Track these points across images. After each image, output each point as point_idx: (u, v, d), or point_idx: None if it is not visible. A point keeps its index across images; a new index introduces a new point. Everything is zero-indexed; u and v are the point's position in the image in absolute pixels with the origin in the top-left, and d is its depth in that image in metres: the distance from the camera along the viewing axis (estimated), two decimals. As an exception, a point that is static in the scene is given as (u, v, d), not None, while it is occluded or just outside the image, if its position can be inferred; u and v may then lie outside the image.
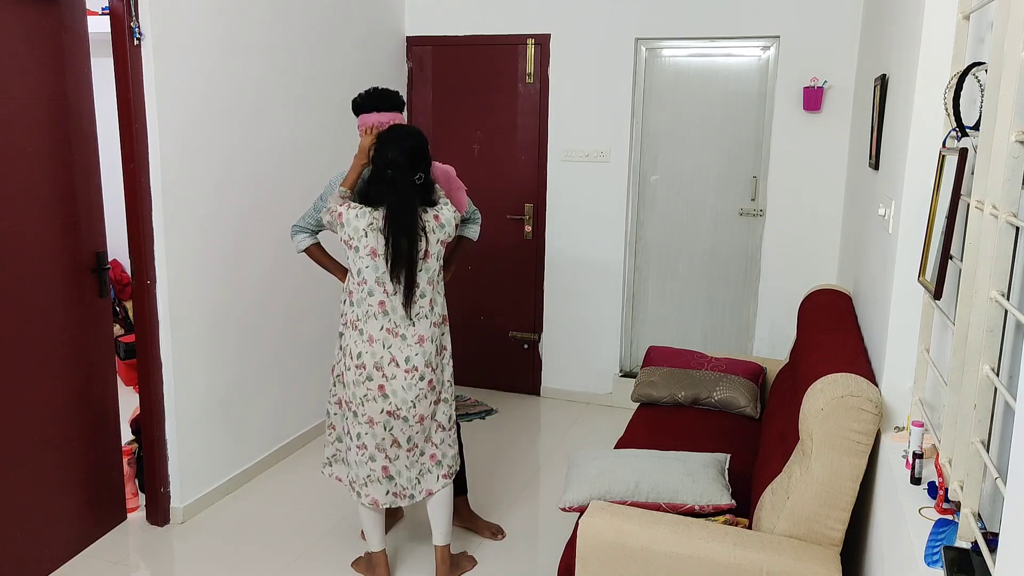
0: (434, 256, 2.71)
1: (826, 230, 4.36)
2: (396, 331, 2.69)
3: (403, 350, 2.69)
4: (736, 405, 3.34)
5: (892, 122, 2.64)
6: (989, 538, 1.42)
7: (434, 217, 2.69)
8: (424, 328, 2.71)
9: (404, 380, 2.69)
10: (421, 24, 4.93)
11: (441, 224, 2.71)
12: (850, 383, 2.14)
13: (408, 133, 2.70)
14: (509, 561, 3.16)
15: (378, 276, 2.65)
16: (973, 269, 1.57)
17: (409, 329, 2.69)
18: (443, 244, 2.74)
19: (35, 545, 2.92)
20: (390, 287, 2.66)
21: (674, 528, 2.19)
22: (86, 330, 3.10)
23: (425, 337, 2.71)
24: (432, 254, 2.70)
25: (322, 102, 4.12)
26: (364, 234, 2.62)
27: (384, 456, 2.77)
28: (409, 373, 2.69)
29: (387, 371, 2.68)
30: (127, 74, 3.03)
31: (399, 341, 2.69)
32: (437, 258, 2.72)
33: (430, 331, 2.73)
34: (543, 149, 4.80)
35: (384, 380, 2.69)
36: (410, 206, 2.62)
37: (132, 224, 3.15)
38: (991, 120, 1.50)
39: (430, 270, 2.70)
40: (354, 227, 2.63)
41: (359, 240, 2.63)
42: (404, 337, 2.69)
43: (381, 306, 2.68)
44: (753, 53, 4.43)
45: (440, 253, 2.74)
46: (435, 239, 2.69)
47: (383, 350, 2.68)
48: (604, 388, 4.91)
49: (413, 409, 2.72)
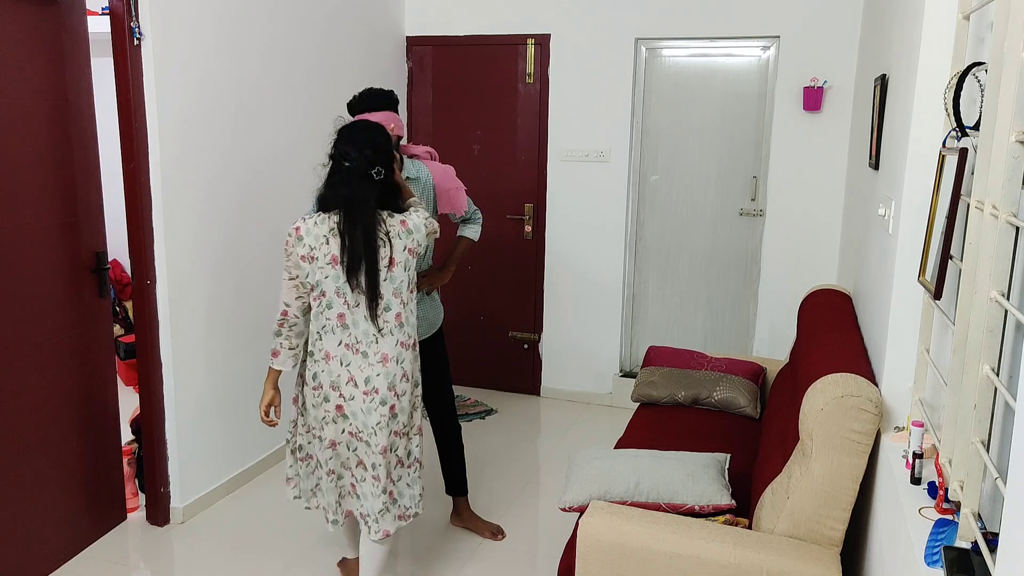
0: (401, 265, 2.45)
1: (826, 230, 4.36)
2: (357, 347, 2.45)
3: (363, 369, 2.45)
4: (736, 405, 3.34)
5: (892, 122, 2.64)
6: (989, 538, 1.42)
7: (400, 222, 2.45)
8: (389, 346, 2.46)
9: (363, 402, 2.46)
10: (421, 24, 4.93)
11: (408, 230, 2.45)
12: (850, 383, 2.14)
13: (366, 127, 2.49)
14: (509, 561, 3.16)
15: (338, 286, 2.43)
16: (973, 269, 1.57)
17: (372, 346, 2.45)
18: (412, 253, 2.47)
19: (35, 545, 2.92)
20: (351, 298, 2.43)
21: (674, 528, 2.19)
22: (86, 330, 3.10)
23: (390, 357, 2.46)
24: (398, 262, 2.44)
25: (322, 102, 4.12)
26: (326, 240, 2.41)
27: (350, 474, 2.58)
28: (368, 396, 2.45)
29: (344, 391, 2.47)
30: (127, 74, 3.03)
31: (359, 359, 2.45)
32: (405, 268, 2.46)
33: (396, 351, 2.47)
34: (543, 149, 4.80)
35: (342, 400, 2.47)
36: (365, 197, 2.39)
37: (132, 224, 3.15)
38: (991, 120, 1.50)
39: (396, 280, 2.45)
40: (314, 235, 2.42)
41: (319, 248, 2.42)
42: (365, 355, 2.45)
43: (340, 319, 2.45)
44: (753, 53, 4.43)
45: (409, 263, 2.47)
46: (401, 245, 2.44)
47: (340, 368, 2.46)
48: (604, 388, 4.91)
49: (375, 436, 2.47)
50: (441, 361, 3.21)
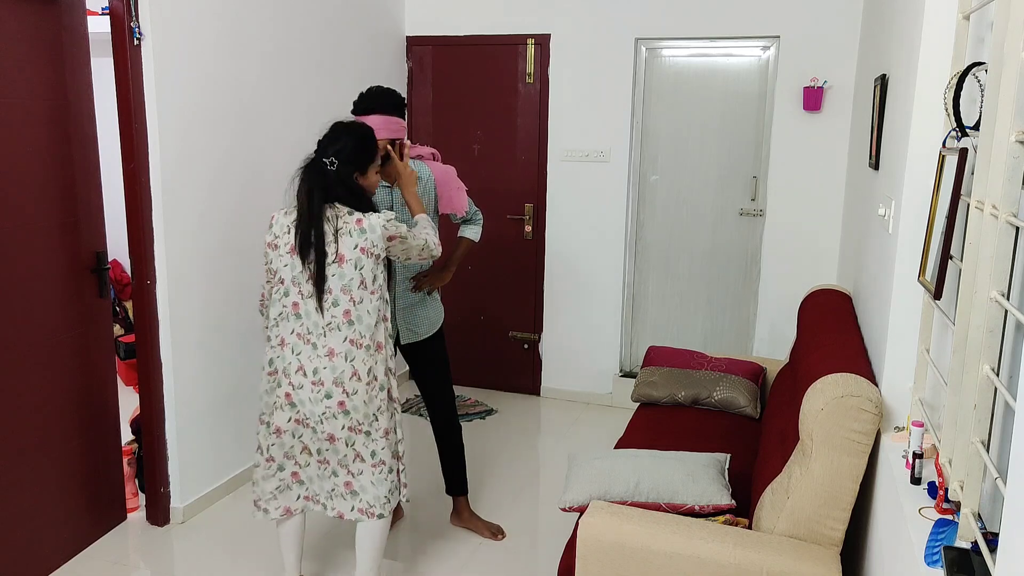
0: (351, 263, 2.46)
1: (826, 230, 4.36)
2: (308, 338, 2.50)
3: (312, 360, 2.50)
4: (736, 405, 3.34)
5: (892, 122, 2.64)
6: (989, 538, 1.42)
7: (356, 220, 2.47)
8: (336, 342, 2.49)
9: (310, 392, 2.50)
10: (421, 24, 4.93)
11: (362, 229, 2.46)
12: (850, 383, 2.14)
13: (346, 125, 2.60)
14: (509, 561, 3.16)
15: (295, 275, 2.50)
16: (973, 269, 1.57)
17: (320, 339, 2.49)
18: (365, 252, 2.46)
19: (35, 545, 2.92)
20: (304, 288, 2.49)
21: (674, 528, 2.19)
22: (86, 330, 3.10)
23: (336, 352, 2.49)
24: (348, 259, 2.46)
25: (322, 102, 4.12)
26: (287, 230, 2.52)
27: (294, 463, 2.62)
28: (315, 386, 2.50)
29: (294, 379, 2.51)
30: (127, 74, 3.03)
31: (309, 349, 2.50)
32: (357, 266, 2.47)
33: (344, 347, 2.49)
34: (543, 149, 4.80)
35: (291, 388, 2.52)
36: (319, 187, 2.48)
37: (132, 224, 3.15)
38: (991, 120, 1.50)
39: (345, 277, 2.46)
40: (281, 224, 2.53)
41: (282, 237, 2.52)
42: (315, 346, 2.50)
43: (295, 308, 2.51)
44: (753, 53, 4.43)
45: (362, 262, 2.47)
46: (351, 243, 2.45)
47: (292, 356, 2.51)
48: (604, 388, 4.91)
49: (321, 425, 2.52)
50: (441, 361, 3.22)
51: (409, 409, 4.75)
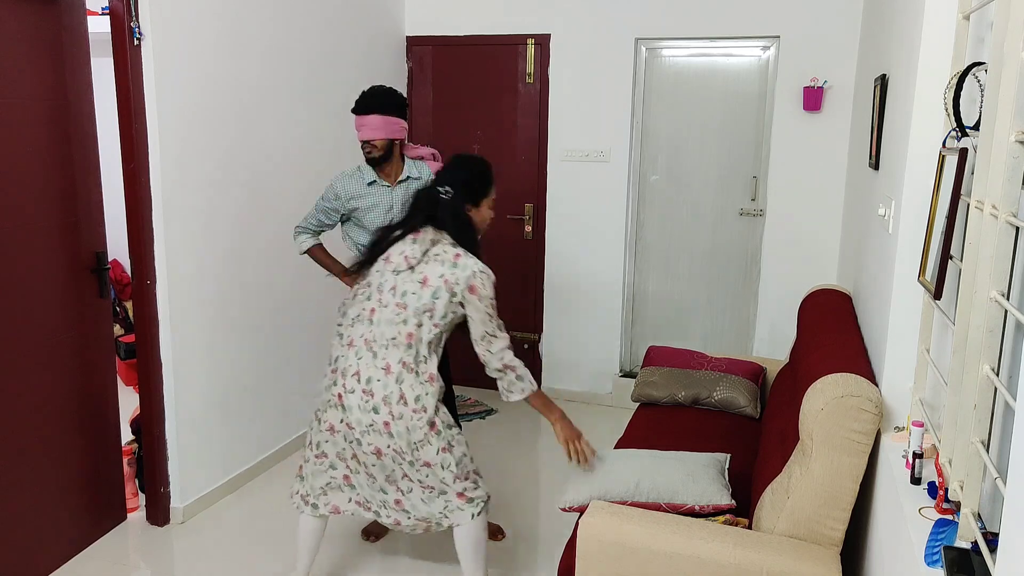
0: (431, 289, 2.48)
1: (826, 230, 4.36)
2: (373, 345, 2.51)
3: (370, 368, 2.49)
4: (736, 405, 3.34)
5: (892, 122, 2.64)
6: (989, 538, 1.42)
7: (455, 255, 2.50)
8: (393, 358, 2.48)
9: (360, 399, 2.48)
10: (421, 24, 4.93)
11: (455, 264, 2.48)
12: (850, 383, 2.14)
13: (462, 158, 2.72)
14: (509, 561, 3.16)
15: (381, 282, 2.56)
16: (973, 269, 1.57)
17: (382, 350, 2.50)
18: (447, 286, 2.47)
19: (35, 545, 2.92)
20: (386, 297, 2.52)
21: (674, 528, 2.19)
22: (86, 330, 3.10)
23: (391, 369, 2.47)
24: (430, 284, 2.48)
25: (322, 102, 4.12)
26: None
27: (345, 465, 2.63)
28: (366, 395, 2.48)
29: (348, 382, 2.51)
30: (127, 74, 3.03)
31: (370, 357, 2.51)
32: (435, 296, 2.48)
33: (397, 367, 2.47)
34: (543, 149, 4.80)
35: (343, 391, 2.52)
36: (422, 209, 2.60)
37: (132, 224, 3.15)
38: (991, 120, 1.50)
39: (422, 299, 2.48)
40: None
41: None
42: (375, 355, 2.50)
43: (372, 313, 2.54)
44: (753, 53, 4.43)
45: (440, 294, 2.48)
46: (439, 271, 2.48)
47: (354, 358, 2.52)
48: (604, 388, 4.91)
49: (367, 436, 2.49)
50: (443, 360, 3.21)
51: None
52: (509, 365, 2.55)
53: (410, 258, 2.53)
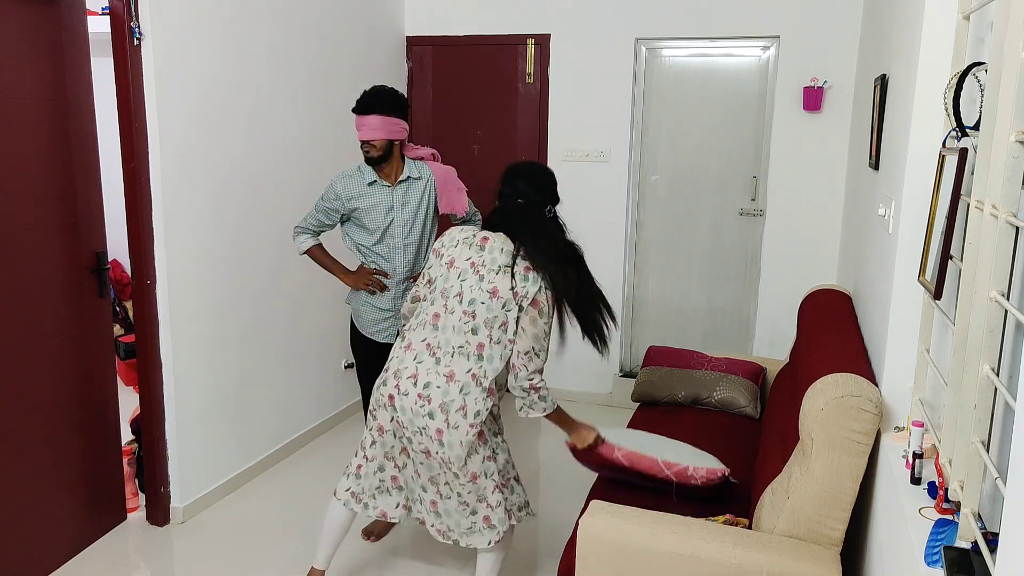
0: (500, 301, 2.42)
1: (826, 230, 4.36)
2: (435, 351, 2.47)
3: (430, 373, 2.44)
4: (736, 405, 3.34)
5: (892, 122, 2.64)
6: (989, 538, 1.42)
7: (525, 268, 2.45)
8: (459, 368, 2.43)
9: (414, 402, 2.43)
10: (421, 24, 4.93)
11: (525, 276, 2.44)
12: (850, 383, 2.14)
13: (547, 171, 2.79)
14: (509, 561, 3.15)
15: (446, 287, 2.50)
16: (973, 269, 1.57)
17: (447, 357, 2.44)
18: (517, 298, 2.42)
19: (35, 545, 2.92)
20: (451, 302, 2.47)
21: (674, 528, 2.19)
22: (86, 330, 3.10)
23: (456, 378, 2.42)
24: (500, 296, 2.42)
25: (322, 102, 4.12)
26: (456, 244, 2.54)
27: (393, 464, 2.63)
28: (422, 400, 2.42)
29: (402, 384, 2.46)
30: (127, 74, 3.03)
31: (432, 362, 2.46)
32: (505, 307, 2.43)
33: (465, 377, 2.42)
34: (543, 149, 4.80)
35: (396, 392, 2.47)
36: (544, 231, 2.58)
37: (132, 224, 3.15)
38: (991, 120, 1.50)
39: (492, 311, 2.43)
40: (452, 237, 2.57)
41: (449, 248, 2.55)
42: (439, 361, 2.45)
43: (435, 319, 2.49)
44: (753, 53, 4.43)
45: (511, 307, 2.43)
46: (508, 283, 2.43)
47: (412, 361, 2.48)
48: (604, 388, 4.91)
49: (419, 436, 2.45)
50: None
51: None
52: (536, 387, 2.50)
53: (478, 265, 2.48)
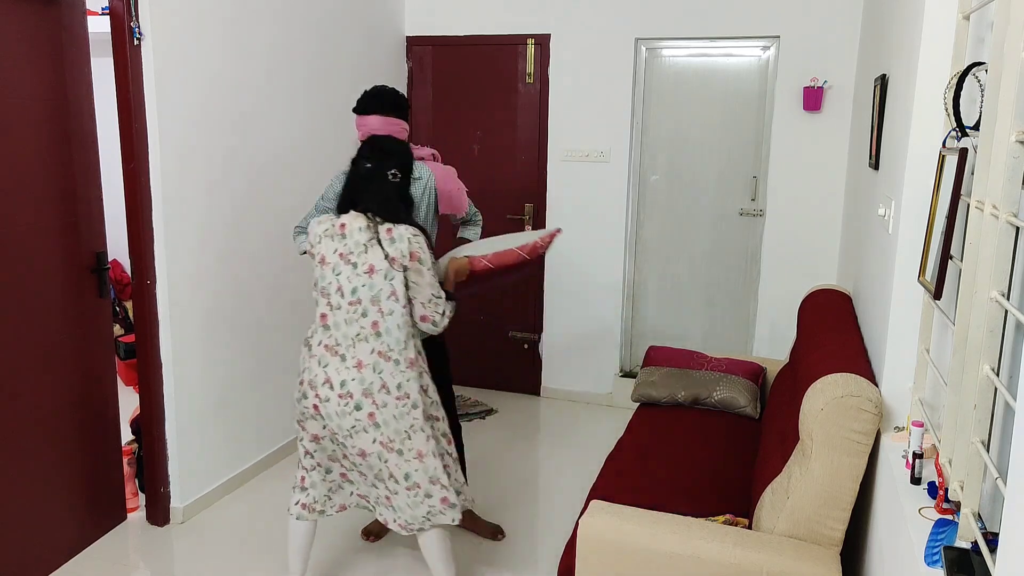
0: (381, 273, 2.43)
1: (826, 230, 4.36)
2: (336, 350, 2.48)
3: (340, 372, 2.46)
4: (736, 405, 3.34)
5: (892, 122, 2.64)
6: (989, 538, 1.42)
7: (387, 230, 2.45)
8: (364, 353, 2.45)
9: (337, 405, 2.46)
10: (421, 24, 4.93)
11: (391, 239, 2.44)
12: (850, 383, 2.14)
13: (391, 140, 2.65)
14: (509, 561, 3.16)
15: (324, 286, 2.50)
16: (973, 269, 1.57)
17: (350, 350, 2.46)
18: (393, 263, 2.43)
19: (35, 545, 2.92)
20: (333, 299, 2.48)
21: (674, 528, 2.19)
22: (86, 330, 3.10)
23: (364, 364, 2.45)
24: (378, 270, 2.43)
25: (322, 102, 4.12)
26: (319, 239, 2.53)
27: (339, 465, 2.63)
28: (343, 399, 2.45)
29: (320, 391, 2.47)
30: (127, 74, 3.03)
31: (337, 361, 2.47)
32: (386, 276, 2.43)
33: (372, 359, 2.45)
34: (543, 149, 4.80)
35: (318, 401, 2.48)
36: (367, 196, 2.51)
37: (132, 224, 3.15)
38: (991, 120, 1.50)
39: (375, 288, 2.44)
40: (314, 233, 2.54)
41: (316, 247, 2.53)
42: (343, 358, 2.47)
43: (323, 319, 2.51)
44: (753, 53, 4.43)
45: (392, 275, 2.44)
46: (381, 253, 2.44)
47: (319, 368, 2.49)
48: (604, 388, 4.91)
49: (351, 439, 2.48)
50: (441, 360, 3.22)
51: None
52: (448, 315, 2.56)
53: (346, 254, 2.47)
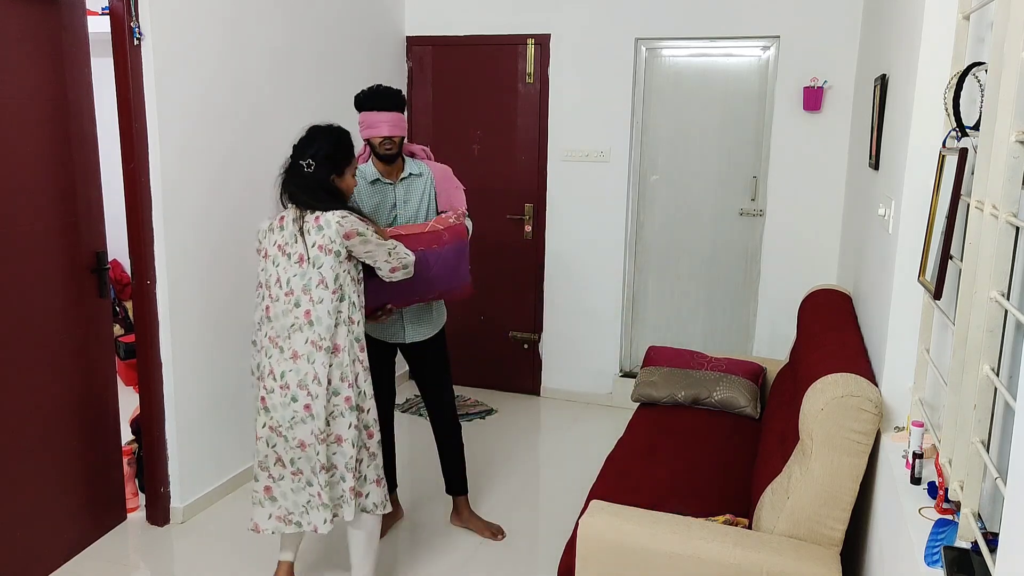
0: (311, 262, 2.46)
1: (826, 230, 4.36)
2: (277, 340, 2.53)
3: (280, 363, 2.52)
4: (736, 405, 3.34)
5: (892, 122, 2.64)
6: (989, 538, 1.42)
7: (315, 218, 2.47)
8: (299, 343, 2.49)
9: (280, 396, 2.52)
10: (421, 24, 4.93)
11: (319, 226, 2.45)
12: (850, 383, 2.14)
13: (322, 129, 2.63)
14: (509, 561, 3.16)
15: (266, 279, 2.56)
16: (973, 269, 1.57)
17: (286, 341, 2.51)
18: (323, 250, 2.44)
19: (35, 545, 2.92)
20: (274, 291, 2.52)
21: (674, 528, 2.19)
22: (86, 330, 3.10)
23: (299, 354, 2.49)
24: (308, 258, 2.47)
25: (322, 102, 4.12)
26: (264, 235, 2.58)
27: (267, 475, 2.61)
28: (283, 390, 2.51)
29: (267, 383, 2.54)
30: (127, 74, 3.03)
31: (277, 352, 2.53)
32: (316, 265, 2.46)
33: (306, 348, 2.49)
34: (543, 149, 4.80)
35: (265, 392, 2.55)
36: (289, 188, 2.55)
37: (132, 224, 3.15)
38: (991, 120, 1.50)
39: (305, 276, 2.47)
40: (260, 230, 2.61)
41: (263, 240, 2.59)
42: (282, 349, 2.52)
43: (267, 311, 2.56)
44: (753, 53, 4.43)
45: (321, 260, 2.45)
46: (310, 241, 2.46)
47: (265, 359, 2.55)
48: (604, 388, 4.91)
49: (291, 431, 2.52)
50: (442, 360, 3.22)
51: (409, 409, 4.75)
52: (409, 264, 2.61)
53: (283, 245, 2.52)
